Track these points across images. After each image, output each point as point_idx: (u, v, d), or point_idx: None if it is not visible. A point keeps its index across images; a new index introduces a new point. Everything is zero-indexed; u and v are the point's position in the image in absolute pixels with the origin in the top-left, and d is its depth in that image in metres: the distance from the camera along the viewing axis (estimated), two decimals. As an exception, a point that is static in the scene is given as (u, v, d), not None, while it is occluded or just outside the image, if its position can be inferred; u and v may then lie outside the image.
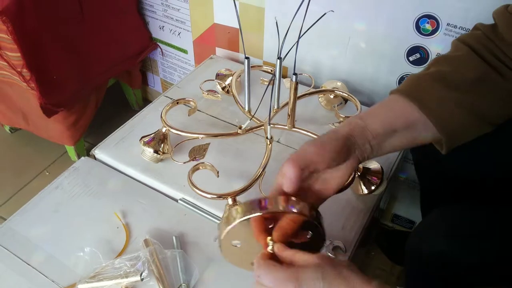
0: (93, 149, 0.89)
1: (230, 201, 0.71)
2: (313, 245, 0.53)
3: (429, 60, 0.96)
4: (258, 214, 0.49)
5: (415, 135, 0.57)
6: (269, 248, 0.49)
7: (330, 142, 0.54)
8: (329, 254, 0.72)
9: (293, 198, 0.50)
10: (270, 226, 0.51)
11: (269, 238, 0.49)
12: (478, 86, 0.55)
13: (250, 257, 0.52)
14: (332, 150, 0.53)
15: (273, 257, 0.49)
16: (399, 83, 1.03)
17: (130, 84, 1.50)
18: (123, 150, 0.89)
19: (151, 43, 1.41)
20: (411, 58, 0.98)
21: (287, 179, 0.52)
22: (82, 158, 0.88)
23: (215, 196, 0.71)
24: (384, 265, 1.15)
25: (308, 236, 0.52)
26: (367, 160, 0.57)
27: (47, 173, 1.38)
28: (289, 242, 0.50)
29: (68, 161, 1.39)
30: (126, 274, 0.66)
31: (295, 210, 0.49)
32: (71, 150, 1.36)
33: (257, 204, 0.49)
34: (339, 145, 0.54)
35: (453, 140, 0.57)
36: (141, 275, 0.65)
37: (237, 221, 0.49)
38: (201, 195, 0.72)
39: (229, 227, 0.50)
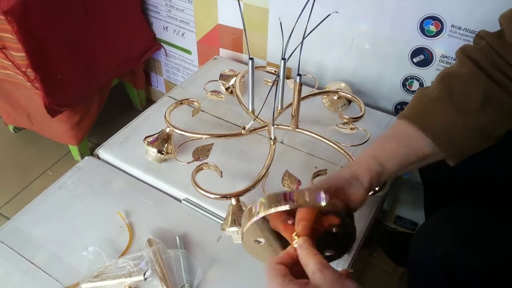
0: (97, 149, 0.90)
1: (233, 201, 0.71)
2: (339, 245, 0.53)
3: (433, 61, 0.96)
4: (286, 207, 0.46)
5: (425, 162, 0.60)
6: (294, 242, 0.47)
7: (364, 179, 0.55)
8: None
9: (322, 193, 0.47)
10: (290, 222, 0.49)
11: (294, 233, 0.48)
12: (485, 107, 0.56)
13: (270, 251, 0.52)
14: (366, 187, 0.55)
15: (288, 261, 0.46)
16: (403, 85, 1.03)
17: (134, 85, 1.50)
18: (126, 150, 0.90)
19: (155, 44, 1.41)
20: (415, 60, 0.98)
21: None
22: (86, 157, 0.89)
23: (219, 196, 0.71)
24: (386, 266, 1.15)
25: (334, 233, 0.51)
26: None
27: (51, 173, 1.38)
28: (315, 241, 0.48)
29: (71, 161, 1.39)
30: (129, 273, 0.66)
31: (324, 204, 0.46)
32: (74, 150, 1.37)
33: (283, 197, 0.47)
34: (370, 179, 0.56)
35: (460, 158, 0.59)
36: (144, 274, 0.65)
37: (263, 213, 0.46)
38: (204, 195, 0.72)
39: (254, 219, 0.47)
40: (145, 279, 0.65)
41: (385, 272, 1.14)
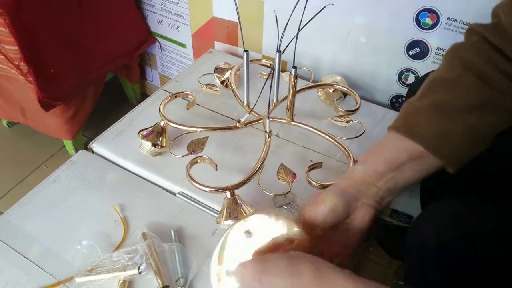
0: (91, 143, 0.89)
1: (228, 194, 0.71)
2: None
3: (429, 54, 0.96)
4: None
5: (425, 165, 0.56)
6: None
7: (325, 201, 0.54)
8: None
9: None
10: None
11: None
12: (478, 111, 0.54)
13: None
14: (328, 210, 0.54)
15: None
16: (398, 78, 1.03)
17: (128, 79, 1.49)
18: (121, 144, 0.89)
19: (150, 37, 1.40)
20: (411, 52, 0.98)
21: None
22: (80, 151, 0.88)
23: (214, 190, 0.71)
24: (382, 260, 1.14)
25: None
26: (389, 201, 0.57)
27: (45, 168, 1.38)
28: None
29: (66, 155, 1.38)
30: (124, 267, 0.65)
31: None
32: (68, 145, 1.36)
33: None
34: (334, 202, 0.54)
35: (459, 165, 0.56)
36: (139, 268, 0.65)
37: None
38: (199, 188, 0.71)
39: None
40: (140, 272, 0.65)
41: (381, 266, 1.14)
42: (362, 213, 0.55)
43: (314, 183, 0.72)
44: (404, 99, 1.01)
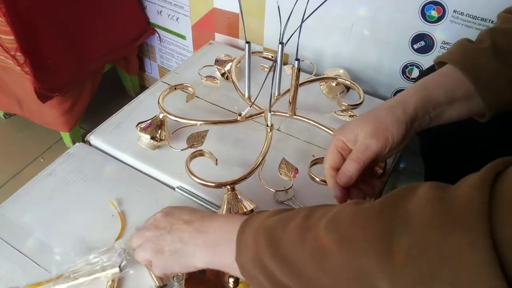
0: (88, 135, 0.87)
1: (229, 189, 0.69)
2: None
3: (434, 48, 0.94)
4: None
5: (471, 106, 0.56)
6: None
7: (393, 131, 0.54)
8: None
9: None
10: None
11: None
12: None
13: None
14: (397, 142, 0.55)
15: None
16: (402, 72, 1.01)
17: (127, 70, 1.47)
18: (119, 136, 0.87)
19: (149, 28, 1.38)
20: (415, 46, 0.96)
21: (346, 176, 0.56)
22: (77, 144, 0.86)
23: (214, 185, 0.69)
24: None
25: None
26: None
27: (42, 160, 1.36)
28: None
29: (63, 147, 1.36)
30: (103, 268, 0.63)
31: None
32: (66, 137, 1.34)
33: None
34: (403, 130, 0.55)
35: (496, 112, 0.56)
36: (120, 266, 0.63)
37: None
38: (199, 183, 0.69)
39: None
40: (121, 270, 0.63)
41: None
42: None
43: (316, 178, 0.70)
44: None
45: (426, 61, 0.96)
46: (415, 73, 1.00)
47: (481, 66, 0.54)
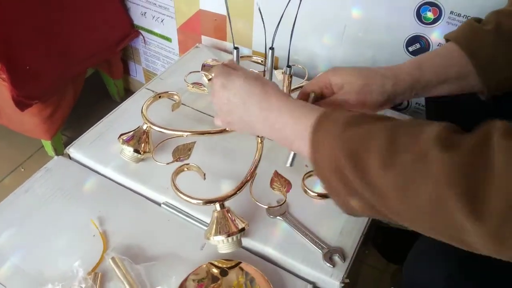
0: (67, 148, 0.82)
1: (218, 207, 0.65)
2: None
3: (430, 51, 0.91)
4: None
5: (464, 84, 0.58)
6: None
7: (375, 98, 0.57)
8: (327, 264, 0.66)
9: None
10: None
11: None
12: None
13: None
14: (373, 106, 0.58)
15: None
16: (397, 75, 0.98)
17: (111, 74, 1.42)
18: (100, 149, 0.82)
19: (133, 31, 1.33)
20: (410, 49, 0.93)
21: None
22: (55, 157, 0.81)
23: (201, 202, 0.64)
24: (378, 264, 1.10)
25: None
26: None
27: (23, 169, 1.31)
28: None
29: (45, 156, 1.31)
30: None
31: None
32: (47, 145, 1.29)
33: None
34: (385, 99, 0.57)
35: (493, 91, 0.58)
36: None
37: None
38: (186, 200, 0.65)
39: None
40: None
41: (377, 270, 1.10)
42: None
43: (311, 192, 0.66)
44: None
45: (422, 64, 0.93)
46: (410, 76, 0.96)
47: (482, 46, 0.56)
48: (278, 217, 0.72)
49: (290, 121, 0.51)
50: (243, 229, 0.65)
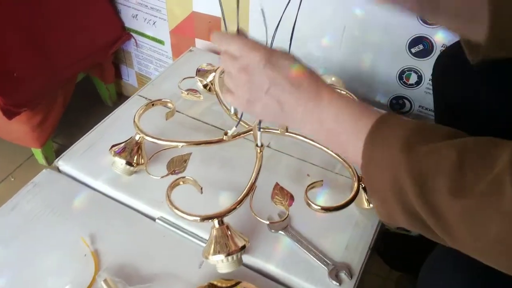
0: (56, 160, 0.78)
1: (216, 223, 0.61)
2: None
3: (433, 52, 0.88)
4: None
5: (467, 28, 0.52)
6: None
7: None
8: (333, 281, 0.63)
9: None
10: None
11: None
12: None
13: None
14: None
15: None
16: (399, 78, 0.95)
17: (102, 79, 1.38)
18: (91, 161, 0.78)
19: (124, 33, 1.30)
20: (413, 50, 0.90)
21: None
22: (44, 171, 0.77)
23: (198, 219, 0.61)
24: (380, 271, 1.07)
25: None
26: None
27: (12, 179, 1.26)
28: None
29: (35, 165, 1.27)
30: None
31: None
32: (38, 153, 1.25)
33: None
34: None
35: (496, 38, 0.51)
36: None
37: None
38: (182, 217, 0.61)
39: None
40: None
41: (380, 278, 1.07)
42: None
43: (314, 206, 0.63)
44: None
45: (425, 66, 0.91)
46: (413, 78, 0.93)
47: None
48: (280, 232, 0.68)
49: (346, 117, 0.48)
50: (243, 247, 0.61)
